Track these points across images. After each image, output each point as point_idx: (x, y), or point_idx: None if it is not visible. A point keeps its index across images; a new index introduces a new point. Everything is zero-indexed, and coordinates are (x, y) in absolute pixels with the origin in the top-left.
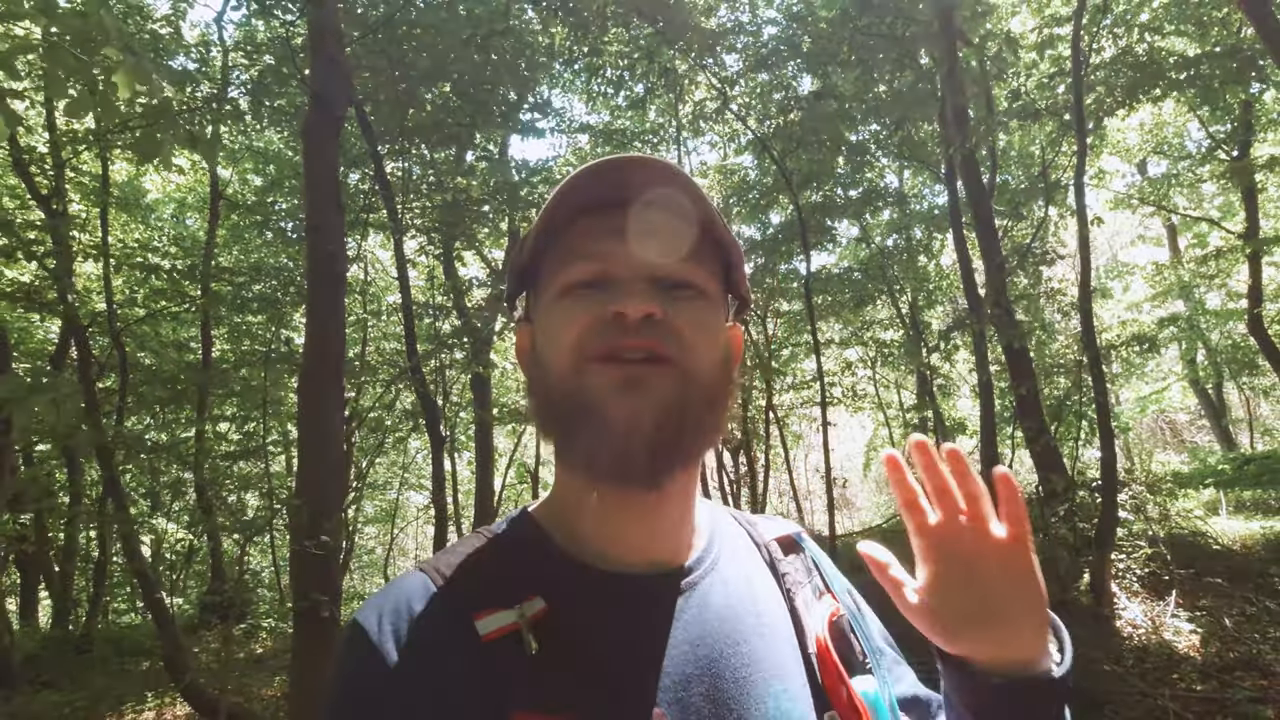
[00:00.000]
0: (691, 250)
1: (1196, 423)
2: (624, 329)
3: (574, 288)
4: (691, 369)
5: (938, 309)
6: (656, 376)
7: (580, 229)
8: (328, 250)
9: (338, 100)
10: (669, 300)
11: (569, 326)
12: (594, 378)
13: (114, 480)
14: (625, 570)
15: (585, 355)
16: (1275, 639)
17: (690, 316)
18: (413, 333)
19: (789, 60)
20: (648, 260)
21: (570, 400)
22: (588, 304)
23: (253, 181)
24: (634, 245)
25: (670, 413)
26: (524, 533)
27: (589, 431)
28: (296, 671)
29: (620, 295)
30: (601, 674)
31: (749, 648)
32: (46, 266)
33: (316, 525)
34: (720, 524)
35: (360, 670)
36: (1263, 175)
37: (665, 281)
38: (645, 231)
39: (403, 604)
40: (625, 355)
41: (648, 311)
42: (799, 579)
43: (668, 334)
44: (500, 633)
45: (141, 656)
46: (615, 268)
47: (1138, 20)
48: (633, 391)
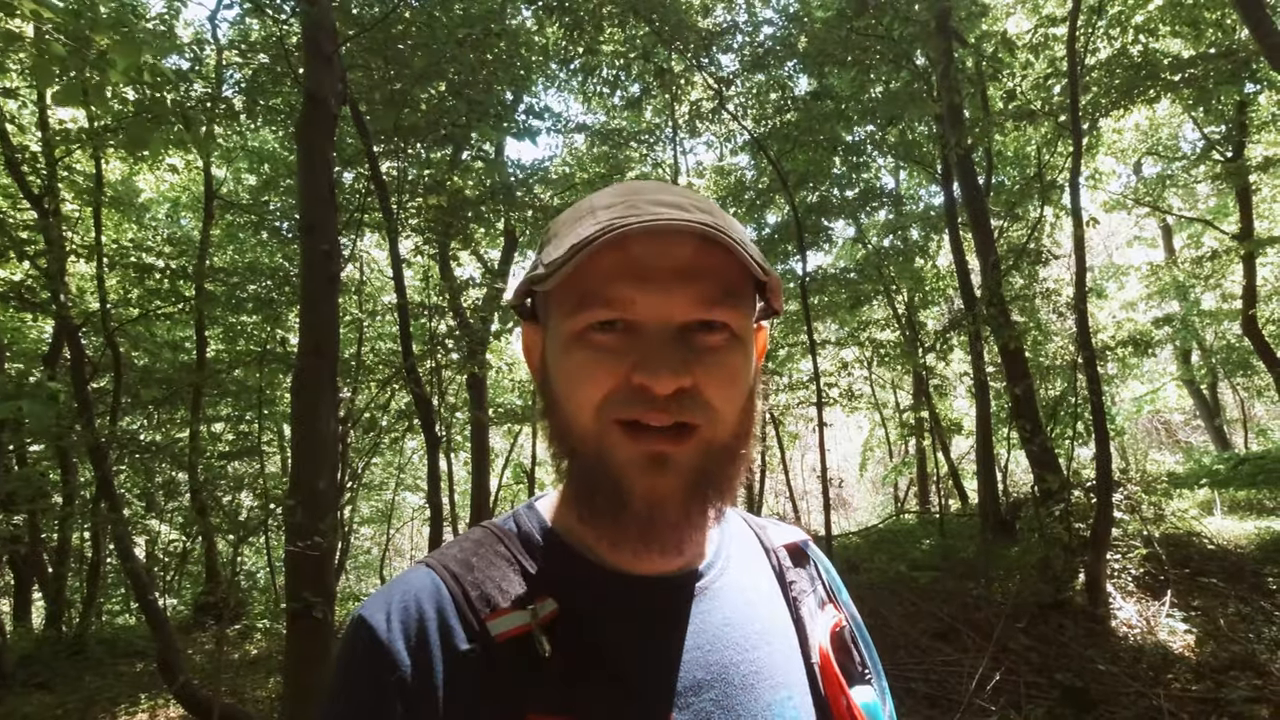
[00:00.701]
0: (728, 292)
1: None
2: (650, 402)
3: (592, 329)
4: (716, 434)
5: (934, 309)
6: (681, 450)
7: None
8: (322, 250)
9: (332, 99)
10: (699, 356)
11: (590, 386)
12: (619, 451)
13: (107, 481)
14: (638, 573)
15: (609, 419)
16: (1270, 639)
17: (721, 375)
18: (408, 333)
19: (785, 60)
20: (675, 308)
21: (594, 468)
22: (610, 360)
23: (247, 181)
24: (662, 293)
25: (695, 485)
26: (535, 530)
27: (612, 507)
28: (291, 673)
29: (645, 358)
30: (614, 678)
31: (757, 655)
32: (39, 266)
33: (311, 526)
34: (731, 526)
35: (368, 669)
36: (1257, 176)
37: (695, 326)
38: (676, 273)
39: (411, 602)
40: (650, 425)
41: (676, 388)
42: (805, 587)
43: (695, 405)
44: (512, 634)
45: (135, 658)
46: (639, 316)
47: (1132, 22)
48: (658, 469)
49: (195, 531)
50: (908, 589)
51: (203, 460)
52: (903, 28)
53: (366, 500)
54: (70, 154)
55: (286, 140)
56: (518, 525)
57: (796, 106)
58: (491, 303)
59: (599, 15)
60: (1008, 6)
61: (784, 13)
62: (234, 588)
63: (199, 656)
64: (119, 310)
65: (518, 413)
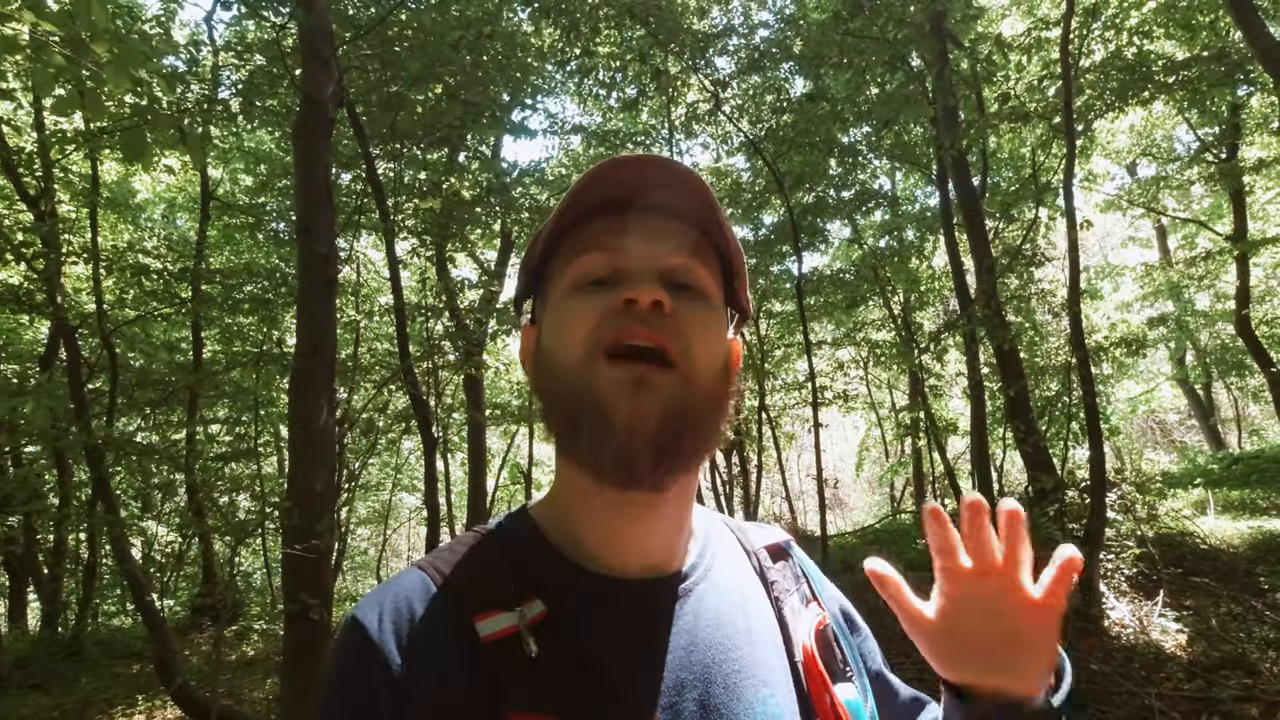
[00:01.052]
0: (699, 254)
1: (1185, 423)
2: (634, 317)
3: (585, 283)
4: (694, 374)
5: (929, 310)
6: (662, 380)
7: (592, 227)
8: (319, 252)
9: (329, 101)
10: (676, 295)
11: (581, 319)
12: (602, 376)
13: (104, 482)
14: (623, 574)
15: (596, 349)
16: (1261, 638)
17: (695, 317)
18: (405, 334)
19: (781, 62)
20: (656, 255)
21: (578, 397)
22: (599, 299)
23: (244, 182)
24: (646, 242)
25: (673, 415)
26: (523, 533)
27: (594, 430)
28: (288, 674)
29: (630, 285)
30: (599, 678)
31: (740, 655)
32: (35, 268)
33: (308, 527)
34: (713, 530)
35: (360, 668)
36: (1250, 178)
37: (673, 277)
38: (654, 231)
39: (403, 603)
40: (634, 344)
41: (657, 298)
42: (787, 587)
43: (674, 331)
44: (500, 634)
45: (132, 659)
46: (626, 261)
47: (1127, 24)
48: (639, 392)
49: (192, 533)
50: None
51: (199, 461)
52: (897, 30)
53: (363, 501)
54: (66, 155)
55: (283, 141)
56: (508, 528)
57: (792, 108)
58: (488, 304)
59: (595, 17)
60: (1003, 8)
61: (780, 15)
62: (231, 589)
63: (196, 658)
64: (115, 312)
65: (514, 413)
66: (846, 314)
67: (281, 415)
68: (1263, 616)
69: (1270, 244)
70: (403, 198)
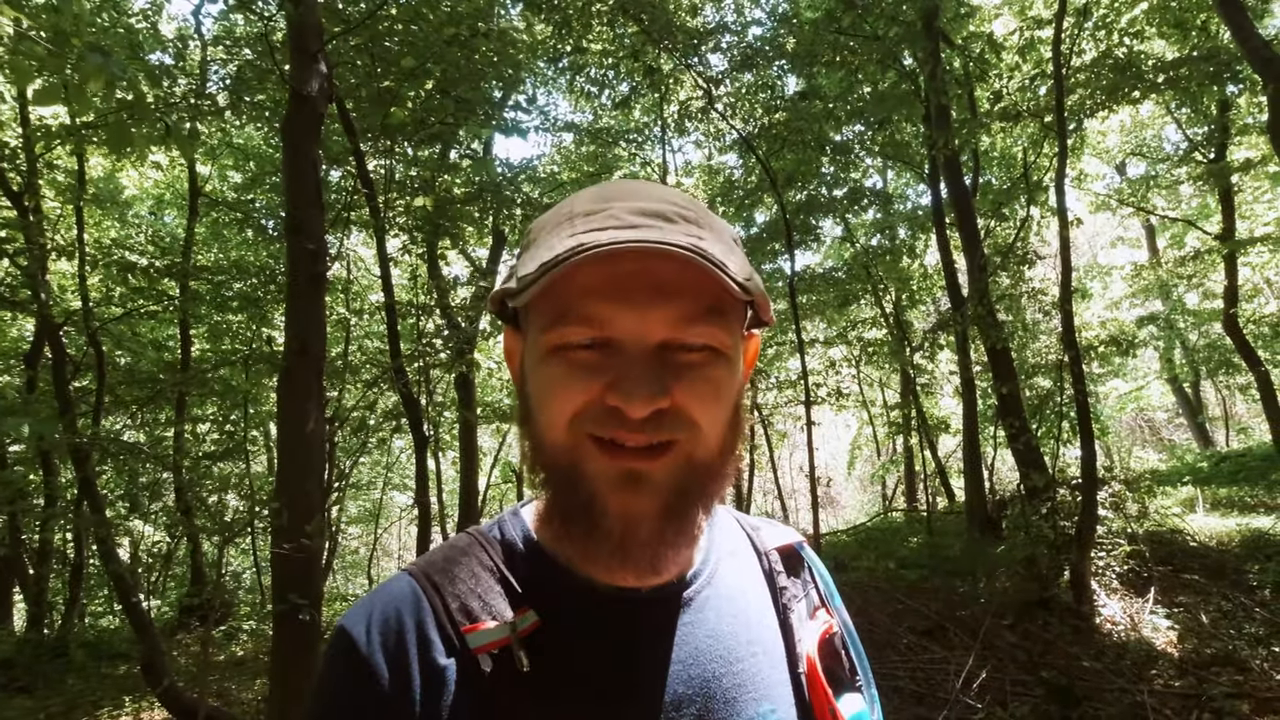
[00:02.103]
0: (710, 309)
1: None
2: (624, 423)
3: (568, 347)
4: (697, 450)
5: (921, 308)
6: (658, 467)
7: (578, 277)
8: (309, 248)
9: (319, 97)
10: (678, 374)
11: (564, 401)
12: (592, 466)
13: (89, 482)
14: (621, 585)
15: (582, 433)
16: (1251, 635)
17: (701, 390)
18: (396, 332)
19: (774, 60)
20: (653, 327)
21: (566, 482)
22: (585, 376)
23: (232, 178)
24: (640, 310)
25: (671, 504)
26: (518, 539)
27: (586, 524)
28: (277, 675)
29: (621, 378)
30: (594, 694)
31: (741, 667)
32: (19, 264)
33: (297, 527)
34: (720, 529)
35: (347, 682)
36: (1239, 178)
37: (676, 344)
38: (655, 290)
39: (391, 613)
40: (626, 444)
41: (651, 411)
42: (795, 593)
43: (673, 424)
44: (491, 647)
45: (119, 660)
46: (616, 334)
47: (1117, 24)
48: (633, 487)
49: (180, 533)
50: (895, 587)
51: (187, 461)
52: (889, 28)
53: (354, 500)
54: (51, 150)
55: (272, 137)
56: (502, 533)
57: (785, 106)
58: (479, 302)
59: (587, 14)
60: (995, 8)
61: (772, 13)
62: (220, 589)
63: (184, 659)
64: (101, 309)
65: (506, 412)
66: (838, 312)
67: (271, 414)
68: (1253, 613)
69: (1258, 243)
70: (394, 194)
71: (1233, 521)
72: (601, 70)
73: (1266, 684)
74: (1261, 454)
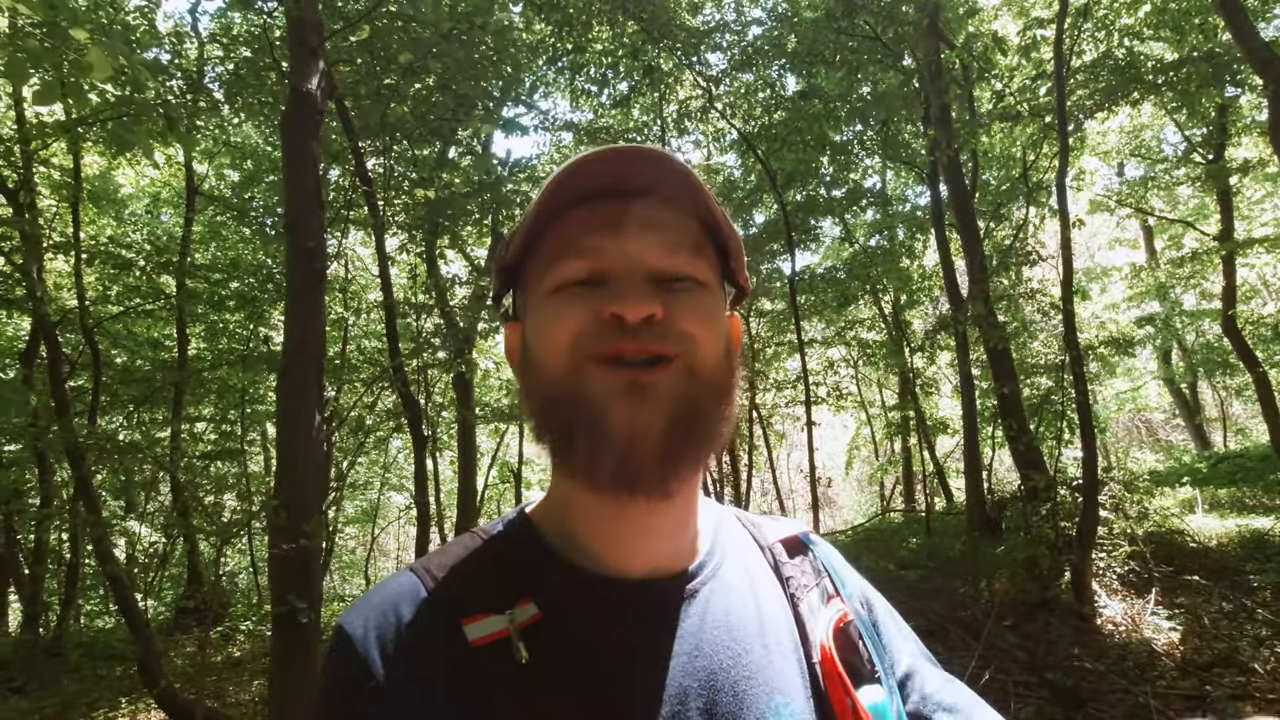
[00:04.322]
0: (690, 242)
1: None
2: (623, 331)
3: (567, 285)
4: (697, 362)
5: (920, 309)
6: (662, 378)
7: (572, 221)
8: (308, 247)
9: (319, 93)
10: (668, 295)
11: (564, 325)
12: (594, 382)
13: (85, 481)
14: (624, 576)
15: (583, 355)
16: (1253, 636)
17: (691, 308)
18: (395, 331)
19: (774, 60)
20: (644, 255)
21: (569, 405)
22: (584, 303)
23: (229, 176)
24: (629, 239)
25: (679, 414)
26: (519, 534)
27: (590, 440)
28: (275, 675)
29: (617, 294)
30: (594, 687)
31: (750, 659)
32: (14, 262)
33: (296, 527)
34: (724, 526)
35: (345, 679)
36: (1237, 179)
37: (663, 275)
38: (641, 224)
39: (389, 608)
40: (627, 359)
41: (647, 314)
42: (804, 583)
43: (669, 334)
44: (489, 639)
45: (114, 661)
46: (610, 264)
47: (1118, 25)
48: (637, 397)
49: (176, 533)
50: (896, 587)
51: (184, 460)
52: (887, 28)
53: (351, 500)
54: (47, 147)
55: (269, 135)
56: (505, 529)
57: (785, 106)
58: (478, 301)
59: (588, 13)
60: (995, 9)
61: (772, 12)
62: (217, 590)
63: (180, 660)
64: (98, 307)
65: (504, 412)
66: (837, 313)
67: (268, 414)
68: (1254, 614)
69: (1257, 244)
70: (393, 193)
71: (1232, 522)
72: (601, 69)
73: (1270, 685)
74: (1259, 455)
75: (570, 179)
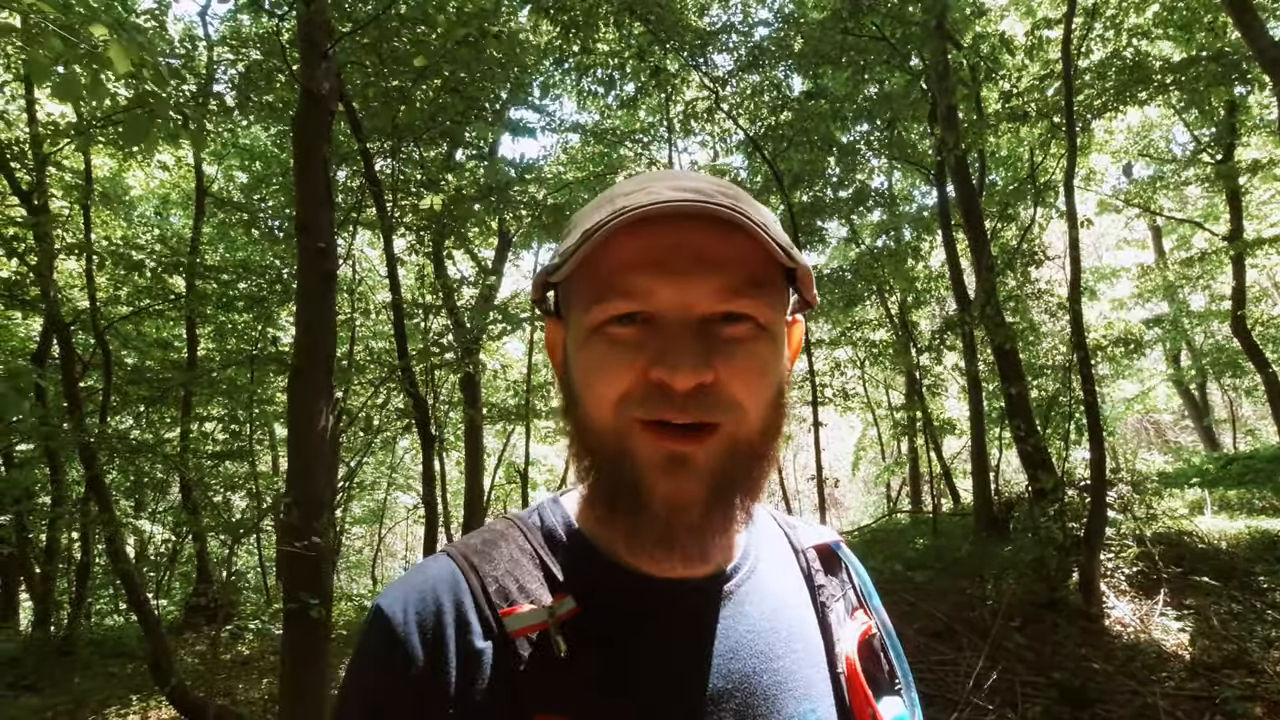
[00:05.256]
0: (751, 281)
1: (1180, 423)
2: (669, 398)
3: (610, 322)
4: (741, 432)
5: (926, 309)
6: (703, 450)
7: (618, 252)
8: (318, 247)
9: (329, 95)
10: (721, 349)
11: (608, 381)
12: (638, 447)
13: (97, 480)
14: (662, 575)
15: (629, 417)
16: (1262, 637)
17: (745, 367)
18: (403, 332)
19: (780, 60)
20: (697, 300)
21: (612, 466)
22: (629, 355)
23: (238, 178)
24: (682, 283)
25: (719, 486)
26: (558, 526)
27: (631, 507)
28: (286, 673)
29: (664, 352)
30: (630, 682)
31: (781, 664)
32: (28, 263)
33: (306, 525)
34: (759, 525)
35: (383, 661)
36: (1246, 179)
37: (718, 317)
38: (696, 261)
39: (429, 593)
40: (672, 423)
41: (696, 384)
42: (834, 592)
43: (717, 403)
44: (528, 630)
45: (125, 659)
46: (659, 307)
47: (1126, 24)
48: (678, 471)
49: (187, 531)
50: (903, 588)
51: (193, 460)
52: (894, 29)
53: (358, 500)
54: (59, 149)
55: (278, 137)
56: (541, 519)
57: (791, 106)
58: (485, 302)
59: (595, 14)
60: (1002, 9)
61: (779, 13)
62: (228, 588)
63: (191, 658)
64: (109, 308)
65: (511, 412)
66: (844, 313)
67: (276, 414)
68: (1263, 615)
69: (1266, 244)
70: (400, 194)
71: (1241, 523)
72: (608, 70)
73: (1278, 687)
74: (1269, 456)
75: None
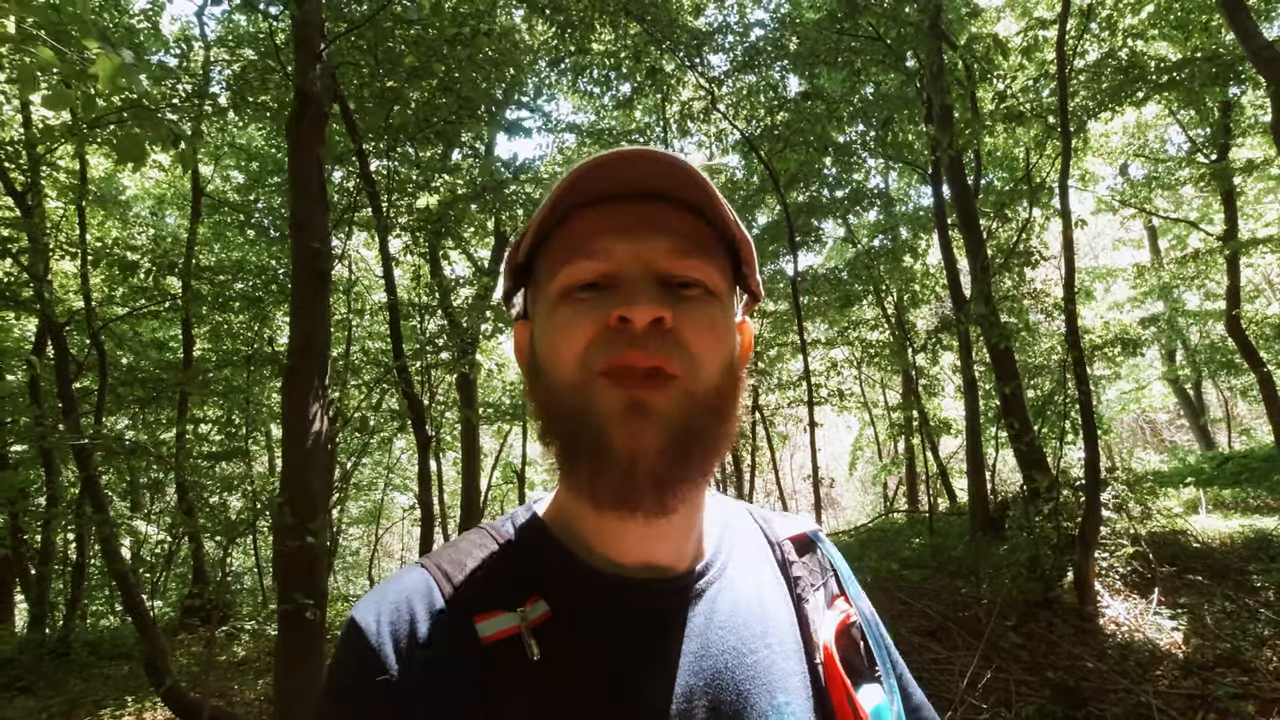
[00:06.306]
0: (701, 246)
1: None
2: (630, 339)
3: (575, 290)
4: (697, 385)
5: (923, 309)
6: (662, 398)
7: (582, 223)
8: (313, 247)
9: (324, 95)
10: (677, 302)
11: (572, 336)
12: (599, 397)
13: (92, 481)
14: (633, 576)
15: (591, 369)
16: (1256, 636)
17: (698, 320)
18: (399, 332)
19: (776, 61)
20: (654, 257)
21: (575, 420)
22: (592, 310)
23: (234, 178)
24: (639, 241)
25: (677, 437)
26: (530, 532)
27: (593, 458)
28: (281, 674)
29: (626, 298)
30: (603, 683)
31: (754, 659)
32: (22, 263)
33: (301, 525)
34: (733, 522)
35: (356, 671)
36: (1241, 178)
37: (673, 279)
38: (651, 226)
39: (403, 603)
40: (632, 370)
41: (655, 316)
42: (811, 582)
43: (675, 346)
44: (501, 635)
45: (121, 660)
46: (619, 266)
47: (1120, 25)
48: (637, 416)
49: (182, 532)
50: (898, 588)
51: (189, 461)
52: (889, 29)
53: (355, 500)
54: (53, 150)
55: (274, 137)
56: (514, 527)
57: (787, 107)
58: (481, 302)
59: (590, 14)
60: (997, 10)
61: (775, 13)
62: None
63: (186, 658)
64: (104, 309)
65: (507, 412)
66: (840, 313)
67: (272, 415)
68: (1257, 614)
69: (1261, 244)
70: (396, 194)
71: (1236, 523)
72: (604, 71)
73: (1273, 685)
74: (1264, 455)
75: (581, 180)
